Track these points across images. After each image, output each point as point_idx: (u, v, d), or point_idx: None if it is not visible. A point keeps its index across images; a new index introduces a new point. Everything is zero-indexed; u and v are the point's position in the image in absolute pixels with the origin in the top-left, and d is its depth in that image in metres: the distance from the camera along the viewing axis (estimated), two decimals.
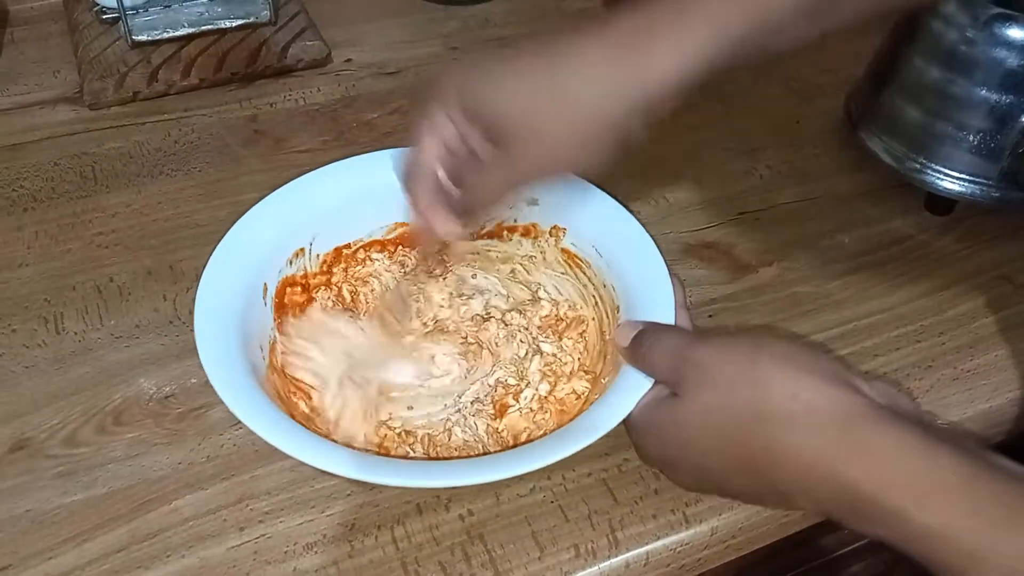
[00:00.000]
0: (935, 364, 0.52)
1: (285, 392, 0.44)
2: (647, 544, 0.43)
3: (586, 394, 0.47)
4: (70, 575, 0.41)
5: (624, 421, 0.41)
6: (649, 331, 0.43)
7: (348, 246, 0.52)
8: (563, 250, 0.52)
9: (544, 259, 0.53)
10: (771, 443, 0.36)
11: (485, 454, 0.45)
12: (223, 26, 0.71)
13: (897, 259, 0.58)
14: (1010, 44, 0.53)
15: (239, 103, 0.68)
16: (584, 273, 0.51)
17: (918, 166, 0.59)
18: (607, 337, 0.48)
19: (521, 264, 0.54)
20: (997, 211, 0.59)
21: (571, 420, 0.44)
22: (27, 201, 0.59)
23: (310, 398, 0.46)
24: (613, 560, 0.43)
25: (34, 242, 0.56)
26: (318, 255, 0.51)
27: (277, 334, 0.47)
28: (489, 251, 0.54)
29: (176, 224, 0.58)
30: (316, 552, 0.42)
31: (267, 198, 0.49)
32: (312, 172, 0.51)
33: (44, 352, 0.50)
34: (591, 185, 0.50)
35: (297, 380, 0.46)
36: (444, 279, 0.53)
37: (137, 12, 0.69)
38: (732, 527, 0.45)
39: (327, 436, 0.43)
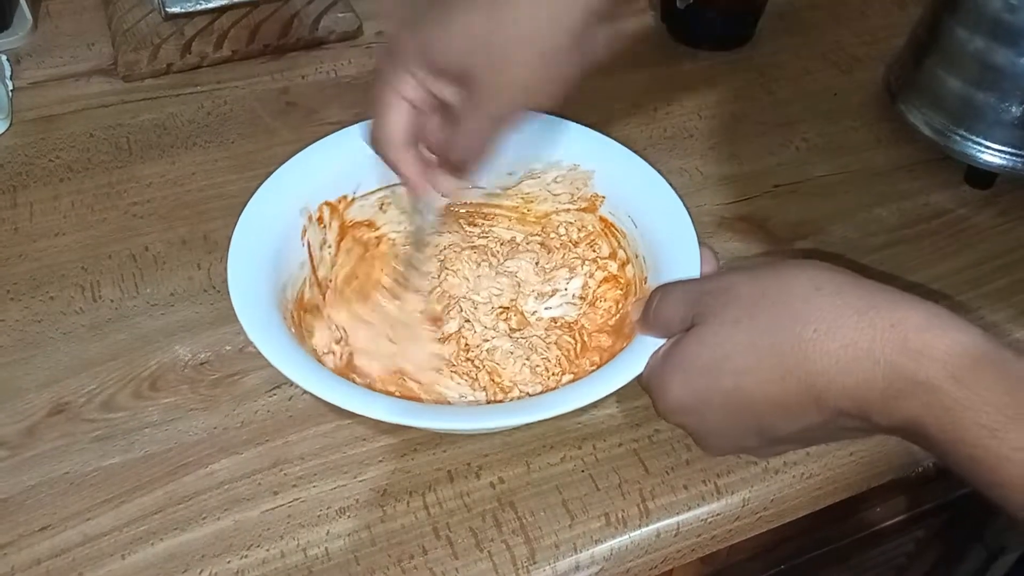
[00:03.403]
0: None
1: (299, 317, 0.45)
2: (678, 514, 0.43)
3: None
4: (108, 535, 0.42)
5: (640, 376, 0.40)
6: (657, 288, 0.42)
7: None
8: (601, 218, 0.51)
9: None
10: (801, 334, 0.35)
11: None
12: None
13: (936, 233, 0.57)
14: None
15: (271, 75, 0.68)
16: (619, 243, 0.50)
17: (958, 139, 0.58)
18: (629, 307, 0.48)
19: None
20: None
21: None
22: (63, 172, 0.60)
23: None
24: (644, 529, 0.43)
25: (70, 212, 0.57)
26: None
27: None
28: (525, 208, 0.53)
29: (209, 194, 0.58)
30: (349, 516, 0.43)
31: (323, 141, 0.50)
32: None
33: (81, 319, 0.51)
34: (631, 152, 0.50)
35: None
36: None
37: None
38: (764, 499, 0.45)
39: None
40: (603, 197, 0.51)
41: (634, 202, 0.49)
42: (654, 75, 0.68)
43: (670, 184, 0.48)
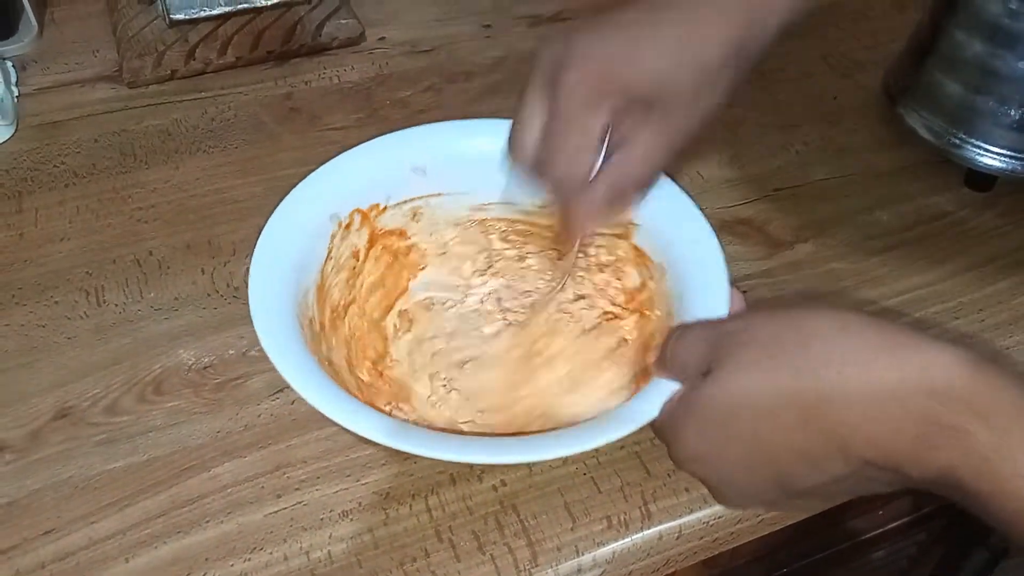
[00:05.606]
0: (974, 341, 0.51)
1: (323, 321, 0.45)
2: (680, 517, 0.43)
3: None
4: (112, 539, 0.42)
5: (654, 421, 0.38)
6: (674, 329, 0.40)
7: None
8: (633, 246, 0.49)
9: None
10: (824, 377, 0.33)
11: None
12: (259, 4, 0.71)
13: (936, 235, 0.57)
14: None
15: (274, 81, 0.68)
16: (651, 274, 0.48)
17: (958, 142, 0.58)
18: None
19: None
20: None
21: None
22: (68, 177, 0.60)
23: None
24: (646, 532, 0.43)
25: (75, 217, 0.57)
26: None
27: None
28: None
29: (214, 200, 0.59)
30: (351, 519, 0.43)
31: (358, 148, 0.49)
32: (405, 130, 0.50)
33: (86, 323, 0.51)
34: (671, 182, 0.48)
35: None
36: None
37: None
38: None
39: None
40: (638, 225, 0.49)
41: (668, 234, 0.47)
42: None
43: (708, 220, 0.46)
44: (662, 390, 0.39)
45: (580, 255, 0.50)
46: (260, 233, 0.44)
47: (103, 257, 0.55)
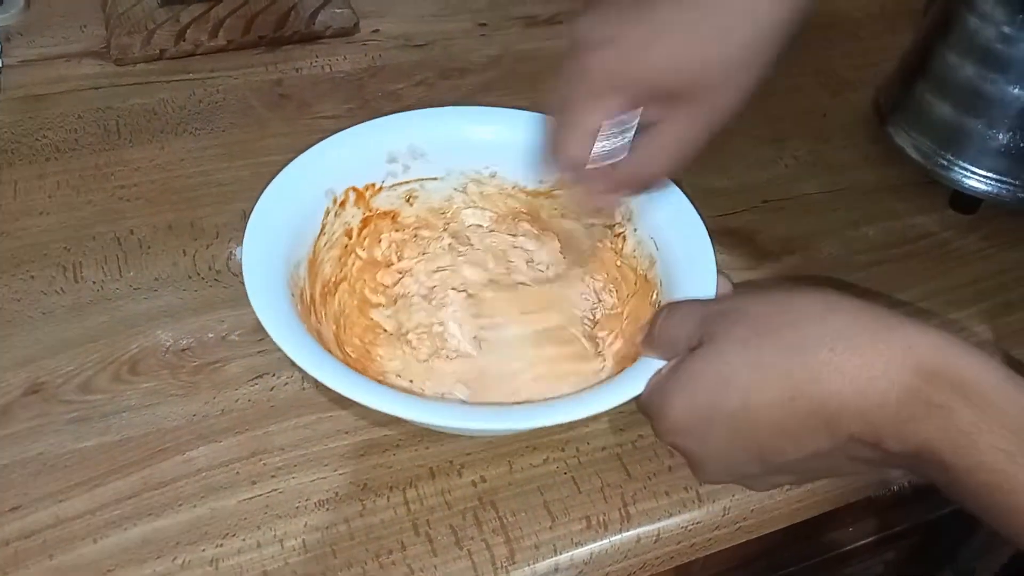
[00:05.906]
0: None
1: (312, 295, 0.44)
2: (659, 520, 0.43)
3: None
4: (80, 518, 0.41)
5: (639, 397, 0.38)
6: (663, 306, 0.40)
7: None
8: (624, 236, 0.49)
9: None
10: (815, 354, 0.33)
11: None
12: None
13: (920, 254, 0.58)
14: None
15: (265, 67, 0.68)
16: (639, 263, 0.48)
17: (945, 163, 0.58)
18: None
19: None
20: (1023, 213, 0.59)
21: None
22: (50, 151, 0.59)
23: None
24: (625, 534, 0.43)
25: (55, 192, 0.56)
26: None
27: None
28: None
29: (198, 182, 0.58)
30: (327, 509, 0.42)
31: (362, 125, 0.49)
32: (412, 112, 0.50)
33: (62, 299, 0.50)
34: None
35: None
36: None
37: None
38: (744, 508, 0.45)
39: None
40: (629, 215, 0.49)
41: (660, 224, 0.47)
42: None
43: (698, 212, 0.46)
44: (648, 368, 0.38)
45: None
46: (255, 205, 0.43)
47: (82, 234, 0.54)
